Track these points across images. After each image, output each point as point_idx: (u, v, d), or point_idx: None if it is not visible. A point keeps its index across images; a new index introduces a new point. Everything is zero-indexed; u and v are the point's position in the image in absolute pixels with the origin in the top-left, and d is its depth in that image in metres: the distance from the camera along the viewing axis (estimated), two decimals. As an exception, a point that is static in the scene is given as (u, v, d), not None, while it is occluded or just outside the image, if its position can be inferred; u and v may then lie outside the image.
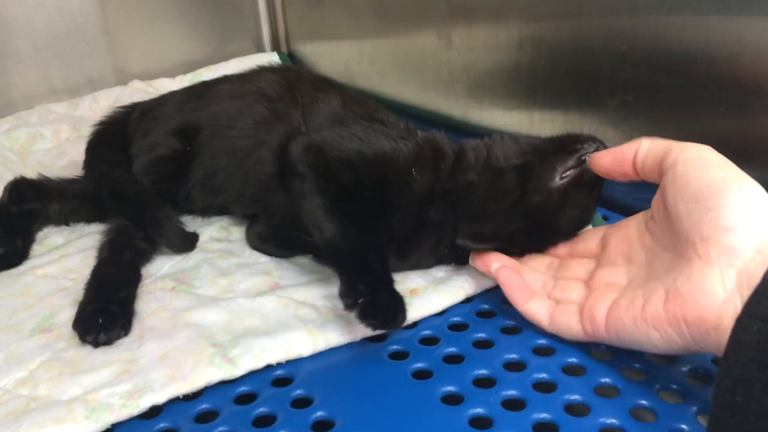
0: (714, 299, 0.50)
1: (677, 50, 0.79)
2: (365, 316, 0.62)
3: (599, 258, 0.68)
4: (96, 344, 0.68)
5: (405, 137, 0.78)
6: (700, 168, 0.56)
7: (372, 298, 0.63)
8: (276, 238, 0.85)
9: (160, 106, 0.99)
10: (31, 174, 0.95)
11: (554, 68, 0.96)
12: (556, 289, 0.68)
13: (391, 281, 0.68)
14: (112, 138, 0.97)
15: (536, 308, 0.66)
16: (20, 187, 0.91)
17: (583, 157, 0.70)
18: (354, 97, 0.94)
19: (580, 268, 0.69)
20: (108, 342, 0.68)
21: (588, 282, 0.66)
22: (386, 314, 0.63)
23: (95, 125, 1.00)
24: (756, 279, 0.48)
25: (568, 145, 0.71)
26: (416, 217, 0.75)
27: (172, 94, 1.03)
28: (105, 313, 0.70)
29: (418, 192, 0.75)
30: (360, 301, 0.62)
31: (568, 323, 0.63)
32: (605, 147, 0.70)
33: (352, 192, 0.74)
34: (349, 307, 0.63)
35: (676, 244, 0.56)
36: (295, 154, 0.78)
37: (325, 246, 0.71)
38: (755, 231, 0.50)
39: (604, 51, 0.88)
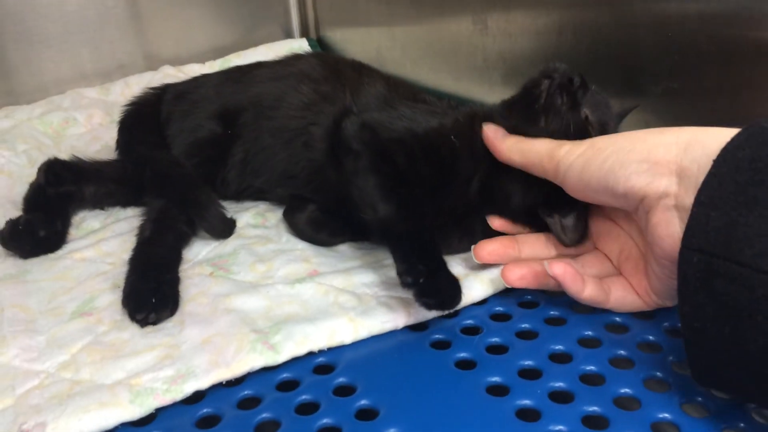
0: (673, 239, 0.54)
1: (726, 36, 0.77)
2: (423, 295, 0.63)
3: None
4: (145, 323, 0.68)
5: (448, 114, 0.80)
6: (587, 165, 0.61)
7: (431, 279, 0.63)
8: (329, 225, 0.84)
9: (198, 89, 0.98)
10: (66, 157, 0.95)
11: (595, 55, 0.94)
12: (581, 266, 0.69)
13: (444, 263, 0.67)
14: (147, 119, 0.96)
15: (594, 293, 0.65)
16: (56, 168, 0.90)
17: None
18: (395, 80, 0.93)
19: None
20: (156, 322, 0.68)
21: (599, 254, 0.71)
22: (444, 295, 0.64)
23: (127, 105, 0.99)
24: (687, 207, 0.51)
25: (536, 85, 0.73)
26: (462, 197, 0.75)
27: (207, 77, 1.02)
28: (158, 293, 0.70)
29: (464, 167, 0.75)
30: (421, 280, 0.63)
31: (630, 299, 0.66)
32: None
33: (404, 173, 0.74)
34: (408, 285, 0.63)
35: None
36: (351, 131, 0.78)
37: (380, 225, 0.71)
38: (667, 169, 0.54)
39: (649, 37, 0.86)
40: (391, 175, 0.73)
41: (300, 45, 1.58)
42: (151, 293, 0.70)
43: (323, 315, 0.67)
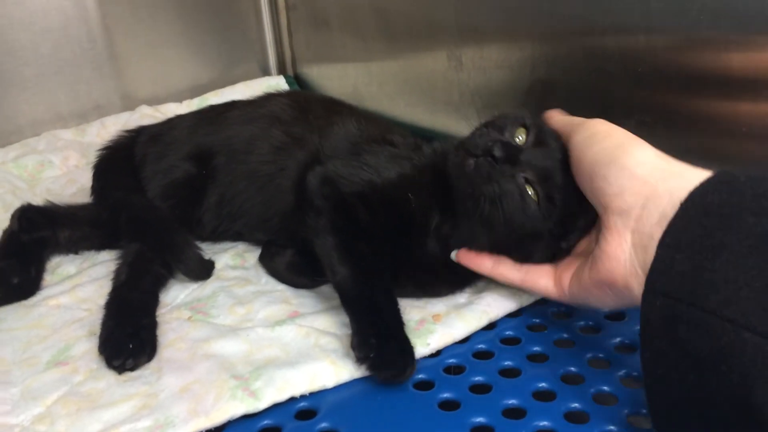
0: (617, 263, 0.55)
1: (695, 70, 0.78)
2: (375, 369, 0.63)
3: None
4: (122, 369, 0.67)
5: (412, 158, 0.79)
6: (588, 146, 0.62)
7: (382, 352, 0.63)
8: (309, 268, 0.82)
9: (171, 131, 0.98)
10: (40, 202, 0.94)
11: (569, 89, 0.95)
12: None
13: (400, 327, 0.67)
14: (121, 163, 0.96)
15: (506, 270, 0.69)
16: (29, 214, 0.89)
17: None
18: (367, 116, 0.94)
19: None
20: (134, 368, 0.67)
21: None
22: (395, 368, 0.63)
23: (101, 149, 0.99)
24: (646, 235, 0.52)
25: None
26: (423, 244, 0.75)
27: (180, 119, 1.02)
28: (135, 338, 0.69)
29: (421, 216, 0.74)
30: (371, 355, 0.63)
31: (543, 283, 0.68)
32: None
33: (365, 227, 0.74)
34: (360, 360, 0.64)
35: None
36: (313, 185, 0.78)
37: (336, 288, 0.72)
38: (641, 188, 0.54)
39: (620, 71, 0.87)
40: (350, 234, 0.73)
41: (277, 82, 1.58)
42: (128, 339, 0.69)
43: (304, 358, 0.67)
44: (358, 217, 0.74)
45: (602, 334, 0.70)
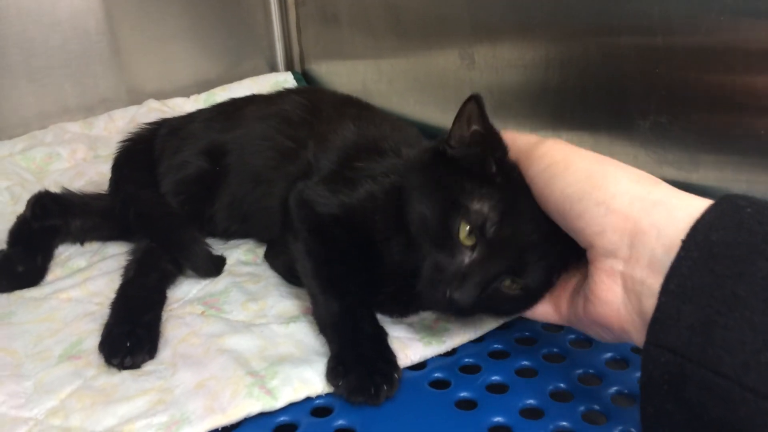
0: (610, 308, 0.50)
1: (715, 72, 0.78)
2: (351, 394, 0.60)
3: None
4: (121, 367, 0.66)
5: (389, 174, 0.73)
6: (550, 182, 0.55)
7: (350, 379, 0.61)
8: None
9: (188, 125, 0.97)
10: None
11: (583, 89, 0.95)
12: None
13: (379, 349, 0.64)
14: (139, 156, 0.96)
15: None
16: (44, 201, 0.90)
17: None
18: (374, 118, 0.90)
19: None
20: (134, 366, 0.67)
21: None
22: (364, 395, 0.60)
23: (122, 142, 0.98)
24: (638, 281, 0.47)
25: None
26: (397, 264, 0.70)
27: (200, 113, 1.02)
28: (132, 336, 0.69)
29: (385, 239, 0.70)
30: (339, 383, 0.61)
31: (543, 311, 0.63)
32: None
33: (341, 248, 0.72)
34: (335, 389, 0.62)
35: None
36: (291, 207, 0.77)
37: (314, 315, 0.71)
38: (623, 224, 0.49)
39: (637, 71, 0.87)
40: (326, 259, 0.72)
41: (285, 78, 1.58)
42: (125, 337, 0.69)
43: (319, 356, 0.66)
44: (335, 239, 0.73)
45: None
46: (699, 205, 0.46)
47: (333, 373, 0.62)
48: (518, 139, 0.61)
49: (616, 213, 0.49)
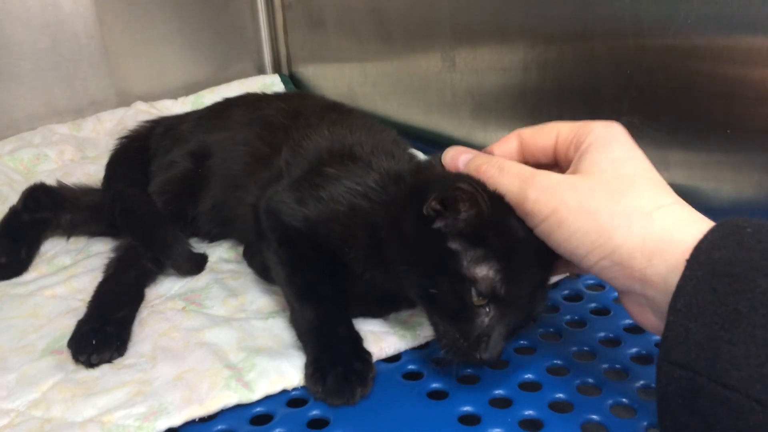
0: (652, 325, 0.53)
1: (682, 72, 0.81)
2: (328, 399, 0.62)
3: None
4: (88, 364, 0.68)
5: (357, 187, 0.71)
6: (551, 237, 0.55)
7: (332, 383, 0.62)
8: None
9: (181, 124, 0.99)
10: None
11: (560, 90, 0.97)
12: None
13: (354, 350, 0.65)
14: (134, 154, 0.97)
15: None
16: (37, 194, 0.92)
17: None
18: (349, 124, 0.86)
19: None
20: (100, 362, 0.68)
21: None
22: (341, 397, 0.61)
23: (118, 139, 1.00)
24: (650, 284, 0.49)
25: None
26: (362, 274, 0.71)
27: (194, 113, 1.04)
28: (99, 333, 0.70)
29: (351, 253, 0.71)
30: (319, 389, 0.62)
31: None
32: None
33: (310, 255, 0.73)
34: (315, 394, 0.63)
35: None
36: (261, 215, 0.77)
37: (291, 322, 0.72)
38: (631, 275, 0.50)
39: (609, 74, 0.89)
40: (298, 265, 0.73)
41: (272, 81, 1.60)
42: (92, 334, 0.69)
43: (296, 349, 0.68)
44: (303, 246, 0.73)
45: (587, 328, 0.71)
46: (702, 226, 0.48)
47: (312, 379, 0.63)
48: (504, 181, 0.58)
49: (622, 264, 0.50)
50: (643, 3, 0.82)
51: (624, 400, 0.60)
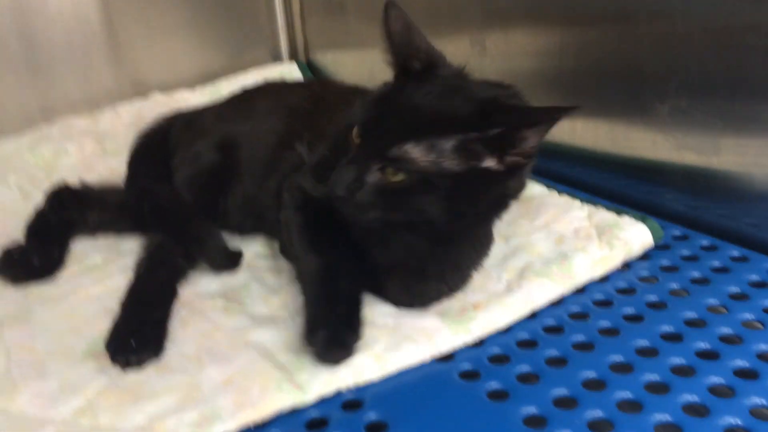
0: None
1: (734, 51, 0.77)
2: (320, 358, 0.63)
3: None
4: (126, 366, 0.66)
5: None
6: None
7: (328, 336, 0.63)
8: None
9: (202, 117, 0.97)
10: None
11: (599, 74, 0.94)
12: None
13: (352, 312, 0.67)
14: (154, 150, 0.96)
15: None
16: (62, 195, 0.90)
17: None
18: None
19: None
20: (139, 363, 0.66)
21: None
22: (339, 355, 0.63)
23: (138, 136, 0.98)
24: None
25: None
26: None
27: (213, 105, 1.02)
28: (139, 334, 0.68)
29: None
30: (316, 347, 0.63)
31: None
32: None
33: (326, 219, 0.72)
34: (309, 344, 0.64)
35: None
36: (284, 193, 0.79)
37: (297, 278, 0.74)
38: None
39: (654, 55, 0.86)
40: (309, 224, 0.75)
41: (290, 69, 1.57)
42: (131, 335, 0.68)
43: (346, 348, 0.66)
44: (319, 213, 0.73)
45: (645, 322, 0.69)
46: None
47: (311, 334, 0.64)
48: None
49: None
50: (692, -19, 0.79)
51: (694, 397, 0.58)
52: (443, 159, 0.61)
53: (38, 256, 0.83)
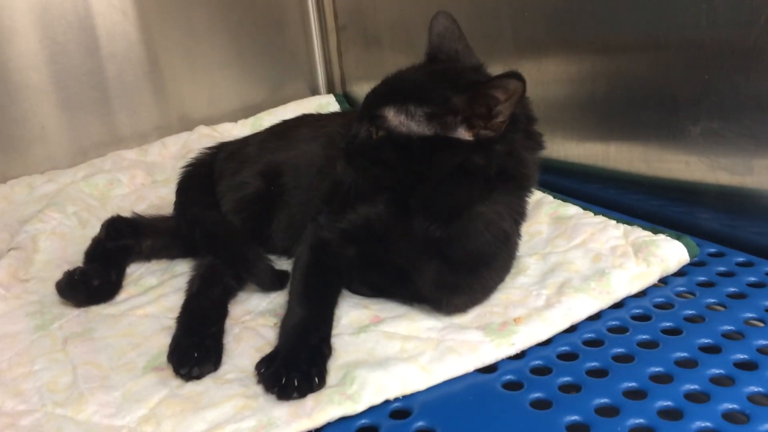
0: None
1: (765, 75, 0.80)
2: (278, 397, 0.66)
3: None
4: (189, 377, 0.70)
5: None
6: None
7: (282, 382, 0.66)
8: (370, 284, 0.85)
9: (245, 148, 1.02)
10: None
11: (631, 99, 0.97)
12: None
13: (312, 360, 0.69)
14: (200, 179, 1.01)
15: None
16: (117, 224, 0.95)
17: None
18: None
19: None
20: (200, 376, 0.70)
21: None
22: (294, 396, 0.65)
23: (184, 166, 1.04)
24: None
25: None
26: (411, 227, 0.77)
27: (254, 136, 1.07)
28: (200, 347, 0.73)
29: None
30: (275, 389, 0.66)
31: None
32: None
33: (335, 262, 0.81)
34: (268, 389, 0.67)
35: None
36: (306, 233, 0.86)
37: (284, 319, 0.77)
38: None
39: (685, 80, 0.89)
40: (312, 271, 0.81)
41: (327, 101, 1.62)
42: (193, 348, 0.72)
43: (393, 362, 0.68)
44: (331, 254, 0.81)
45: (683, 335, 0.71)
46: None
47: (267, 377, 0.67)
48: None
49: None
50: (720, 8, 0.81)
51: (734, 406, 0.59)
52: (414, 122, 0.71)
53: (98, 278, 0.88)
